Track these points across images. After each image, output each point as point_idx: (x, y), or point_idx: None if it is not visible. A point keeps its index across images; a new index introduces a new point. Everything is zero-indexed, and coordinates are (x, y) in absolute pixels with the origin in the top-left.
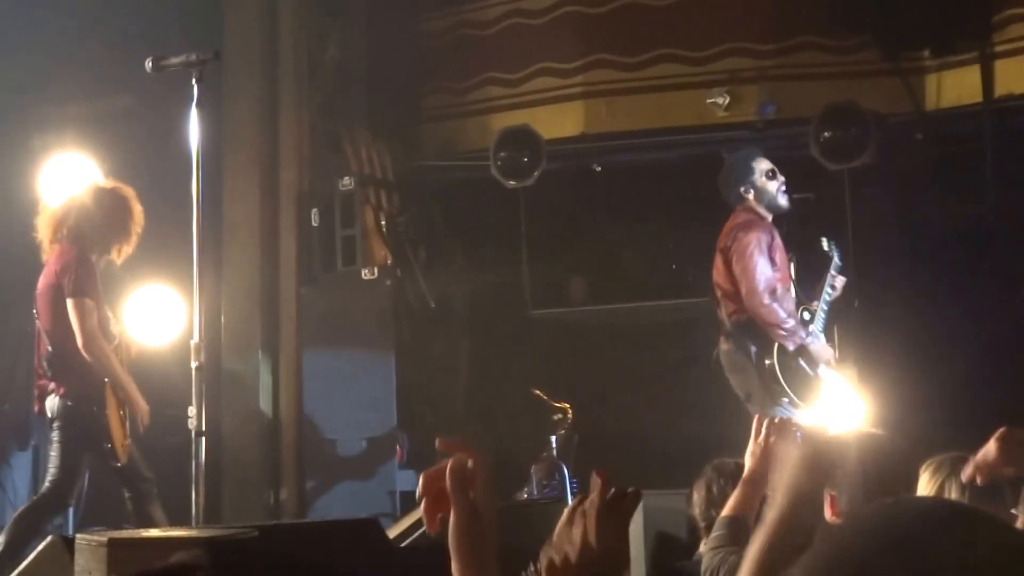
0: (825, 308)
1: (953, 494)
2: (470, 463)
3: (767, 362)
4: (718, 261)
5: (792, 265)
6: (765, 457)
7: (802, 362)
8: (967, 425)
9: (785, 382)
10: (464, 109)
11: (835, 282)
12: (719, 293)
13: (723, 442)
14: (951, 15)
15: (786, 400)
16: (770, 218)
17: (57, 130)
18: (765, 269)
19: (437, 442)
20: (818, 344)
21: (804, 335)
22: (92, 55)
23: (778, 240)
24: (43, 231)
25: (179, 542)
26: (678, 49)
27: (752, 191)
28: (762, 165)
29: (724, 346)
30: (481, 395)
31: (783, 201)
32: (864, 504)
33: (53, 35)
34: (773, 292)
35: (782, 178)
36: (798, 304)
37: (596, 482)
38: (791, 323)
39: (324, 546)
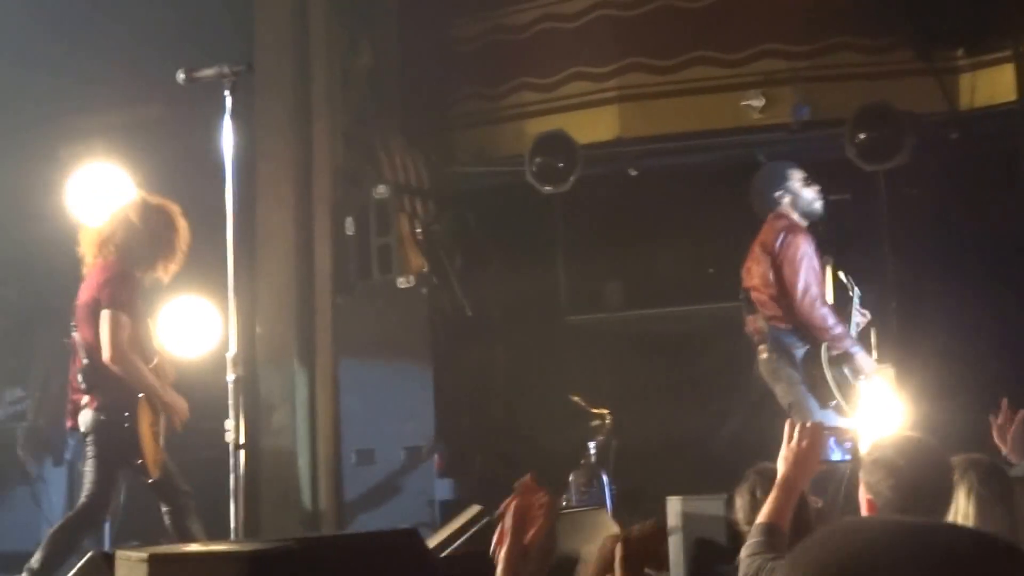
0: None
1: (961, 497)
2: (539, 505)
3: (815, 372)
4: (760, 265)
5: (828, 268)
6: (797, 461)
7: (846, 370)
8: (1005, 427)
9: (836, 388)
10: (498, 115)
11: (860, 319)
12: (761, 297)
13: (761, 446)
14: (984, 14)
15: (833, 404)
16: (806, 224)
17: (86, 140)
18: (817, 273)
19: (518, 484)
20: (863, 355)
21: (851, 343)
22: (123, 65)
23: (816, 249)
24: (87, 247)
25: (220, 557)
26: (712, 51)
27: (789, 196)
28: (797, 173)
29: (763, 355)
30: (518, 402)
31: (819, 207)
32: (900, 509)
33: (83, 45)
34: (823, 297)
35: (816, 186)
36: None
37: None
38: (840, 329)
39: (364, 558)
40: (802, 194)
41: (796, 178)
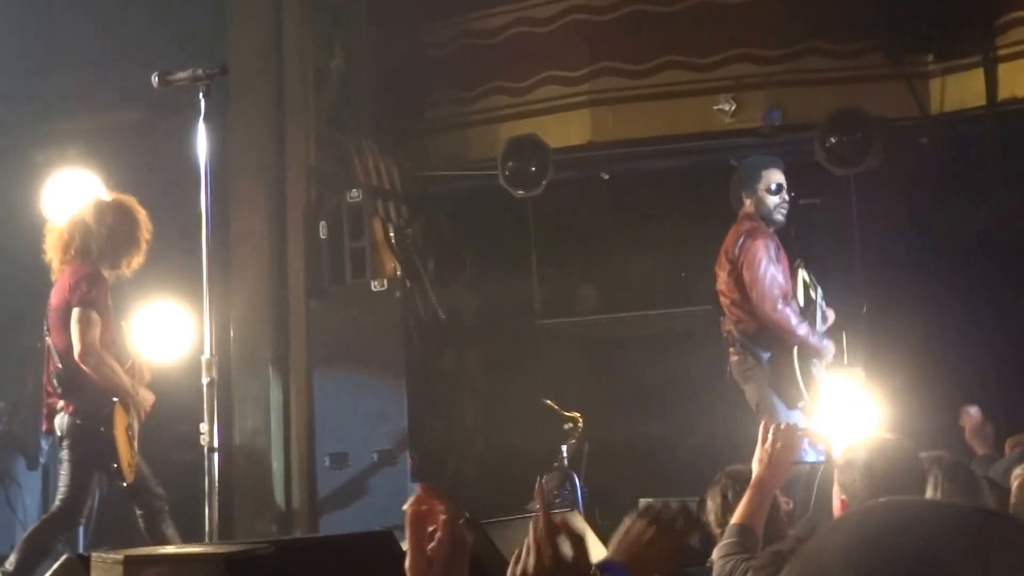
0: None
1: (928, 491)
2: (440, 514)
3: (786, 369)
4: (724, 270)
5: (801, 271)
6: (772, 463)
7: (814, 368)
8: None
9: (804, 387)
10: (471, 119)
11: (827, 314)
12: (726, 302)
13: (733, 449)
14: (954, 19)
15: (801, 404)
16: (772, 228)
17: (61, 145)
18: (776, 275)
19: (418, 487)
20: (829, 344)
21: (816, 339)
22: (97, 69)
23: (782, 250)
24: (52, 253)
25: (195, 559)
26: (684, 56)
27: (751, 199)
28: (771, 177)
29: (734, 358)
30: (491, 405)
31: (779, 217)
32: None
33: (57, 49)
34: (785, 297)
35: (786, 197)
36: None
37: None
38: (804, 328)
39: (340, 560)
40: (765, 200)
41: (766, 182)
